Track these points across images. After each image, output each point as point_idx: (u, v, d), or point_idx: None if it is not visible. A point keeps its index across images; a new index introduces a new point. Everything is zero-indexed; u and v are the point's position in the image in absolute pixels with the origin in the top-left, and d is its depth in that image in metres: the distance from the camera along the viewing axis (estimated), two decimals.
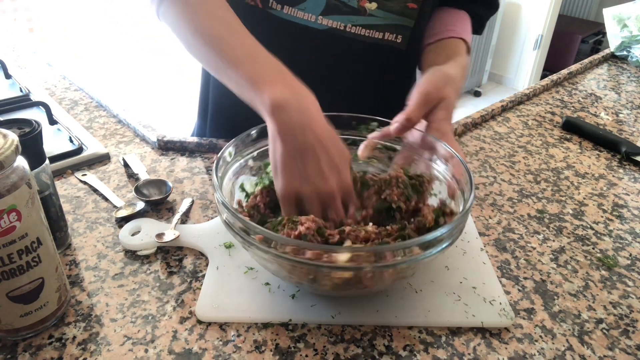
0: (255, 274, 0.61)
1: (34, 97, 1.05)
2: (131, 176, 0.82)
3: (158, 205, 0.75)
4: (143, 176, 0.79)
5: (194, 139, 0.90)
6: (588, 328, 0.57)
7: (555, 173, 0.89)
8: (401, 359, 0.52)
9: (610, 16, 1.55)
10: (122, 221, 0.70)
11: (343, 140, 0.59)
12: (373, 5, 0.76)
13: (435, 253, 0.50)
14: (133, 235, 0.66)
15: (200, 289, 0.59)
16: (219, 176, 0.58)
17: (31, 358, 0.51)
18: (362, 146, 0.68)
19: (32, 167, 0.54)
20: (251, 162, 0.66)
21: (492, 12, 0.91)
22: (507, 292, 0.61)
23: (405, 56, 0.83)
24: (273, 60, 0.59)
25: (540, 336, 0.56)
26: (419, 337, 0.55)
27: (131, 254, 0.65)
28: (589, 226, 0.75)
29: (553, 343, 0.55)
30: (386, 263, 0.48)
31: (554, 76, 1.31)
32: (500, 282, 0.62)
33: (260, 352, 0.52)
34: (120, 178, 0.81)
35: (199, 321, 0.55)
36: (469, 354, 0.53)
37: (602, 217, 0.77)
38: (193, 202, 0.75)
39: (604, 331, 0.57)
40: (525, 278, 0.64)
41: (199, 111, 1.03)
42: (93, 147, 0.87)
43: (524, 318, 0.58)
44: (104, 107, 1.04)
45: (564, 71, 1.34)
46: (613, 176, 0.89)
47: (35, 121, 0.59)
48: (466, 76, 0.73)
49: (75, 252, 0.65)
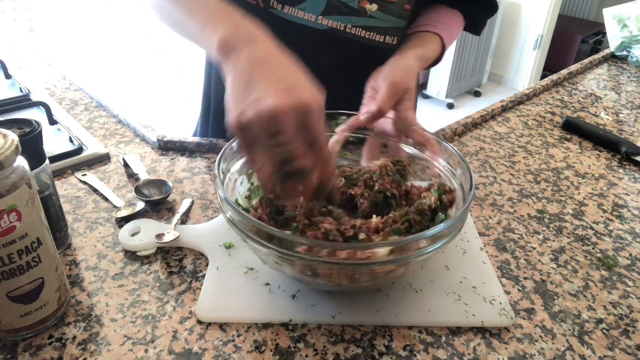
0: (255, 274, 0.61)
1: (34, 97, 1.05)
2: (131, 176, 0.82)
3: (158, 205, 0.75)
4: (143, 176, 0.79)
5: (194, 139, 0.90)
6: (588, 328, 0.57)
7: (555, 173, 0.89)
8: (401, 359, 0.52)
9: (610, 16, 1.55)
10: (122, 221, 0.70)
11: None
12: (373, 6, 0.76)
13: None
14: (133, 235, 0.66)
15: (200, 289, 0.59)
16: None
17: (31, 358, 0.51)
18: (334, 141, 0.69)
19: (32, 167, 0.54)
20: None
21: (490, 14, 0.90)
22: (507, 292, 0.61)
23: None
24: (225, 6, 0.58)
25: (540, 336, 0.56)
26: (419, 337, 0.55)
27: (131, 254, 0.65)
28: (589, 226, 0.75)
29: (553, 343, 0.55)
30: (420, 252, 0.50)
31: (554, 76, 1.31)
32: (500, 282, 0.62)
33: (260, 352, 0.52)
34: (120, 178, 0.81)
35: (199, 321, 0.55)
36: (469, 354, 0.53)
37: (602, 217, 0.77)
38: (193, 202, 0.75)
39: (604, 331, 0.57)
40: (525, 278, 0.64)
41: (202, 111, 1.03)
42: (93, 147, 0.87)
43: (524, 318, 0.58)
44: (104, 107, 1.04)
45: (564, 71, 1.34)
46: (613, 176, 0.89)
47: (35, 121, 0.59)
48: (423, 67, 0.77)
49: (75, 252, 0.65)
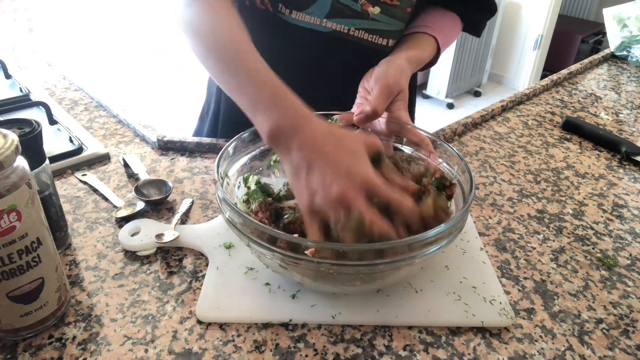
0: (255, 274, 0.61)
1: (34, 97, 1.05)
2: (131, 176, 0.82)
3: (158, 205, 0.75)
4: (143, 176, 0.79)
5: (194, 139, 0.90)
6: (588, 328, 0.57)
7: (555, 173, 0.89)
8: (401, 359, 0.52)
9: (610, 16, 1.55)
10: (122, 221, 0.70)
11: None
12: (376, 9, 0.76)
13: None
14: (133, 235, 0.66)
15: (200, 289, 0.59)
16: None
17: (31, 358, 0.51)
18: None
19: (32, 167, 0.54)
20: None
21: (489, 16, 0.90)
22: (507, 292, 0.61)
23: None
24: (272, 81, 0.57)
25: (540, 336, 0.56)
26: (419, 337, 0.55)
27: (131, 254, 0.65)
28: (589, 226, 0.75)
29: (553, 343, 0.55)
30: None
31: (554, 76, 1.30)
32: (500, 282, 0.62)
33: (260, 352, 0.52)
34: (120, 178, 0.81)
35: (199, 321, 0.55)
36: (469, 354, 0.53)
37: (602, 217, 0.77)
38: (193, 202, 0.75)
39: (604, 331, 0.57)
40: (525, 278, 0.64)
41: (200, 114, 1.03)
42: (93, 147, 0.87)
43: (524, 318, 0.58)
44: (104, 107, 1.04)
45: (564, 71, 1.34)
46: (613, 176, 0.89)
47: (35, 121, 0.59)
48: (416, 69, 0.77)
49: (75, 252, 0.65)
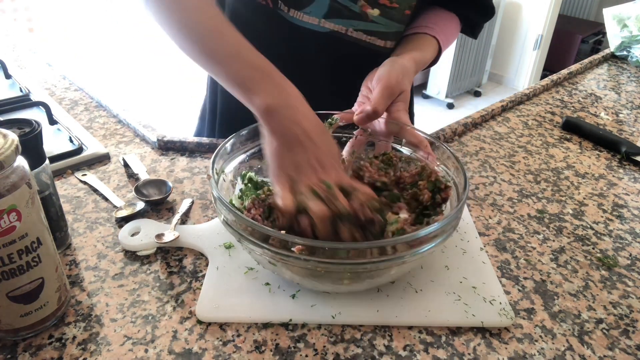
0: (255, 274, 0.61)
1: (34, 97, 1.05)
2: (131, 176, 0.82)
3: (158, 205, 0.75)
4: (143, 176, 0.79)
5: (194, 139, 0.90)
6: (588, 328, 0.57)
7: (555, 173, 0.89)
8: (401, 359, 0.52)
9: (610, 16, 1.55)
10: (122, 221, 0.70)
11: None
12: (375, 11, 0.76)
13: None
14: (133, 235, 0.66)
15: (200, 289, 0.59)
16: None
17: (31, 358, 0.51)
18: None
19: (32, 167, 0.54)
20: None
21: (487, 18, 0.90)
22: (507, 292, 0.61)
23: None
24: (258, 58, 0.59)
25: (540, 336, 0.56)
26: (419, 337, 0.55)
27: (131, 254, 0.65)
28: (589, 226, 0.75)
29: (553, 343, 0.55)
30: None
31: (554, 76, 1.31)
32: (500, 282, 0.62)
33: (260, 352, 0.52)
34: (120, 178, 0.81)
35: (199, 321, 0.55)
36: (469, 354, 0.53)
37: (602, 217, 0.77)
38: (193, 202, 0.75)
39: (604, 331, 0.57)
40: (525, 278, 0.64)
41: (200, 114, 1.03)
42: (93, 147, 0.87)
43: (524, 318, 0.58)
44: (104, 107, 1.04)
45: (564, 71, 1.34)
46: (613, 176, 0.89)
47: (35, 121, 0.59)
48: (419, 69, 0.77)
49: (75, 252, 0.65)
